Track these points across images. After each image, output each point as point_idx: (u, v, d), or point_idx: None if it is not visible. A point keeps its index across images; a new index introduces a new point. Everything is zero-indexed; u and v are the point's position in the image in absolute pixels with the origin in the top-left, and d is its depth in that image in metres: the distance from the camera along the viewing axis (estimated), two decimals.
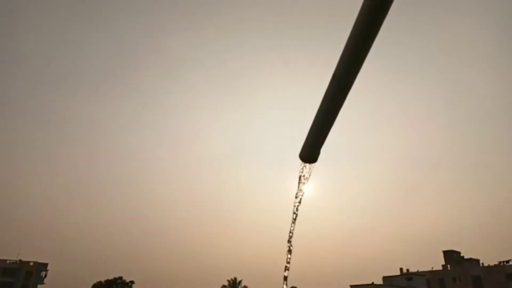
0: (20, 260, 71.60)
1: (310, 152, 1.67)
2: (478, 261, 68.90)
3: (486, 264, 66.75)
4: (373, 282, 56.15)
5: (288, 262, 1.89)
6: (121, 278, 70.13)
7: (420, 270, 68.08)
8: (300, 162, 1.71)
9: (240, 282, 68.50)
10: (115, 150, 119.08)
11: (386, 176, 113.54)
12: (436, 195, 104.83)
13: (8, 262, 70.44)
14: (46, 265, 73.63)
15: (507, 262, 63.96)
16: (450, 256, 70.40)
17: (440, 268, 69.11)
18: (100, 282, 69.05)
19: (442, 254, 71.35)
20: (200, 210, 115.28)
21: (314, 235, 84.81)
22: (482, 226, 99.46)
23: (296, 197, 1.83)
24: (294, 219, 1.87)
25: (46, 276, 73.52)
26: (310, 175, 1.75)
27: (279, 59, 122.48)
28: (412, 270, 67.77)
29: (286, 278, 1.90)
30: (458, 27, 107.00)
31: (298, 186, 1.80)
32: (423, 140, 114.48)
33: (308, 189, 1.81)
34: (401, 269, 68.10)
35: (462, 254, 71.06)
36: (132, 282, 70.78)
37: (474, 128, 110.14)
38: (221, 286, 68.23)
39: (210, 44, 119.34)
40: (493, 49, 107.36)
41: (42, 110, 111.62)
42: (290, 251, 1.88)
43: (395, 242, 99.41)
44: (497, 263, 64.58)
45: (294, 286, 73.38)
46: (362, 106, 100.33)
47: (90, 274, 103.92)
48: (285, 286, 1.91)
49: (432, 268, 69.10)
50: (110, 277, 69.77)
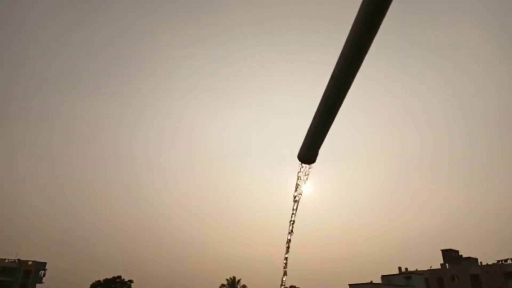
0: (18, 259, 71.48)
1: (308, 153, 1.68)
2: (476, 260, 69.04)
3: (484, 263, 66.94)
4: (371, 281, 56.22)
5: (286, 258, 1.91)
6: (120, 277, 70.10)
7: (418, 269, 68.21)
8: (298, 163, 1.73)
9: (239, 281, 68.53)
10: (115, 150, 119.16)
11: (385, 175, 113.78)
12: (434, 194, 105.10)
13: (6, 261, 70.32)
14: (44, 264, 73.50)
15: (505, 261, 64.11)
16: (449, 255, 70.52)
17: (438, 267, 69.23)
18: (99, 281, 69.00)
19: (440, 253, 71.54)
20: (199, 209, 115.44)
21: (313, 234, 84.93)
22: (480, 225, 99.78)
23: (294, 197, 1.85)
24: (293, 219, 1.88)
25: (44, 275, 73.46)
26: (308, 176, 1.76)
27: (280, 62, 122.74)
28: (410, 269, 67.86)
29: (284, 279, 1.92)
30: (455, 29, 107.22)
31: (297, 186, 1.82)
32: (421, 139, 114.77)
33: (306, 189, 1.82)
34: (399, 268, 68.19)
35: (460, 253, 71.19)
36: (131, 281, 70.74)
37: (471, 127, 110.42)
38: (220, 285, 68.27)
39: (213, 46, 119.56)
40: (489, 51, 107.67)
41: (43, 109, 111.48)
42: (288, 251, 1.90)
43: (394, 241, 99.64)
44: (495, 262, 64.73)
45: (293, 285, 73.50)
46: (360, 107, 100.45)
47: (89, 273, 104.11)
48: (284, 285, 1.93)
49: (430, 267, 69.26)
50: (109, 276, 69.78)
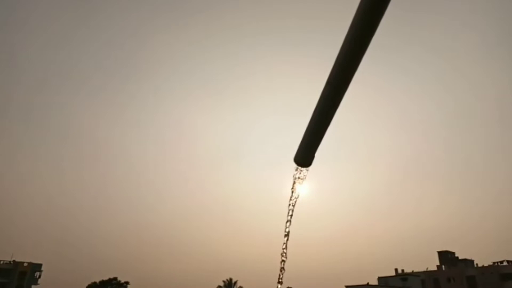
0: (14, 260, 71.12)
1: (304, 156, 1.69)
2: (472, 261, 69.31)
3: (480, 264, 67.18)
4: (368, 283, 56.37)
5: (283, 257, 1.93)
6: (116, 278, 69.85)
7: (415, 270, 68.40)
8: (295, 166, 1.75)
9: (235, 282, 68.46)
10: (113, 150, 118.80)
11: (381, 177, 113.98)
12: (431, 196, 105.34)
13: (1, 262, 69.94)
14: (40, 265, 73.15)
15: (501, 262, 64.41)
16: (445, 256, 70.74)
17: (435, 268, 69.44)
18: (94, 282, 68.73)
19: (437, 255, 71.76)
20: (196, 210, 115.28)
21: (309, 236, 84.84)
22: (476, 227, 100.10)
23: (290, 199, 1.87)
24: (289, 220, 1.90)
25: (40, 276, 73.08)
26: (304, 178, 1.78)
27: (278, 64, 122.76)
28: (407, 270, 68.08)
29: (281, 281, 1.93)
30: (453, 31, 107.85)
31: (293, 189, 1.84)
32: (418, 141, 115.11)
33: (303, 190, 1.84)
34: (396, 269, 68.41)
35: (456, 255, 71.44)
36: (127, 283, 70.51)
37: (468, 129, 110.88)
38: (216, 286, 68.18)
39: (211, 47, 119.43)
40: (486, 52, 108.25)
41: (41, 109, 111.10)
42: (285, 252, 1.91)
43: (390, 243, 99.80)
44: (491, 264, 65.01)
45: (290, 286, 73.50)
46: (357, 108, 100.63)
47: (84, 274, 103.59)
48: (279, 286, 1.94)
49: (427, 268, 69.45)
50: (105, 277, 69.51)
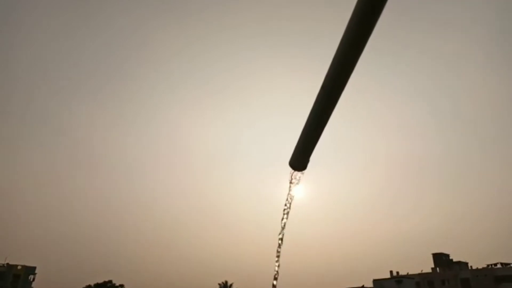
0: (7, 263, 70.46)
1: (299, 160, 1.71)
2: (467, 264, 69.57)
3: (474, 267, 67.45)
4: (363, 285, 56.44)
5: (277, 258, 1.94)
6: (111, 281, 69.48)
7: (410, 273, 68.61)
8: (290, 169, 1.77)
9: (231, 285, 68.30)
10: (107, 152, 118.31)
11: (376, 179, 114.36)
12: (425, 199, 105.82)
13: None
14: (34, 268, 72.53)
15: (495, 265, 64.74)
16: (440, 259, 70.98)
17: (429, 270, 69.67)
18: (89, 285, 68.35)
19: (431, 257, 71.97)
20: (191, 213, 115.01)
21: (304, 239, 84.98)
22: (471, 229, 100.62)
23: (286, 203, 1.88)
24: (284, 223, 1.92)
25: (34, 280, 72.43)
26: (299, 181, 1.80)
27: (275, 65, 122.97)
28: (402, 272, 68.23)
29: (275, 284, 1.95)
30: (449, 34, 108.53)
31: (288, 192, 1.86)
32: (413, 144, 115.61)
33: (298, 193, 1.86)
34: (391, 272, 68.53)
35: (451, 257, 71.69)
36: (122, 286, 70.18)
37: (462, 132, 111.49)
38: None
39: (208, 50, 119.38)
40: (481, 55, 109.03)
41: (37, 111, 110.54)
42: (278, 256, 1.93)
43: (385, 245, 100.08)
44: (485, 266, 65.32)
45: None
46: (353, 111, 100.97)
47: (79, 277, 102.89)
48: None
49: (421, 270, 69.68)
50: (100, 280, 69.12)
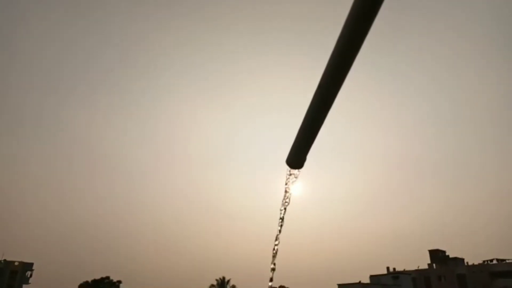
0: (4, 259, 70.38)
1: (296, 158, 1.72)
2: (463, 260, 69.97)
3: (470, 263, 67.91)
4: (360, 281, 56.66)
5: (274, 256, 1.97)
6: (108, 277, 69.59)
7: (406, 269, 68.96)
8: (287, 168, 1.79)
9: (228, 281, 68.45)
10: (104, 149, 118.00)
11: (373, 176, 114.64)
12: (422, 195, 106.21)
13: None
14: (31, 264, 72.54)
15: (491, 261, 65.18)
16: (436, 255, 71.36)
17: (426, 267, 70.07)
18: (87, 282, 68.41)
19: (428, 253, 72.37)
20: (188, 209, 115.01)
21: (301, 235, 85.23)
22: (467, 226, 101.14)
23: (283, 199, 1.91)
24: (282, 219, 1.95)
25: (31, 276, 72.44)
26: (296, 179, 1.83)
27: (272, 63, 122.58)
28: (398, 269, 68.56)
29: (272, 279, 1.98)
30: (446, 32, 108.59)
31: (285, 189, 1.88)
32: (410, 141, 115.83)
33: (295, 189, 1.87)
34: (387, 268, 68.89)
35: (447, 253, 72.08)
36: (119, 282, 70.29)
37: (459, 129, 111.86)
38: (209, 285, 68.15)
39: (203, 48, 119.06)
40: (479, 54, 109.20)
41: (33, 109, 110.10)
42: (276, 251, 1.96)
43: (382, 242, 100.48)
44: (481, 262, 65.75)
45: (282, 285, 73.68)
46: (350, 107, 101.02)
47: (76, 273, 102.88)
48: (271, 283, 1.99)
49: (418, 267, 70.09)
50: (97, 276, 69.22)
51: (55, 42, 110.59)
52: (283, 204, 1.91)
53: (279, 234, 1.96)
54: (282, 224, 1.95)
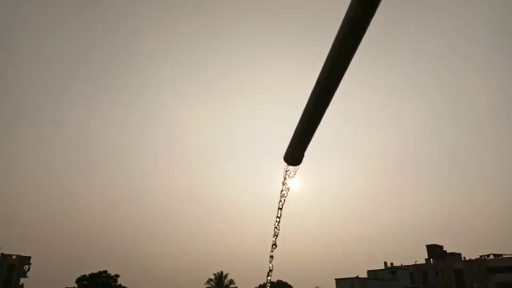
0: (2, 253, 70.39)
1: (294, 155, 1.71)
2: (460, 255, 70.34)
3: (467, 258, 68.27)
4: (357, 276, 56.87)
5: (272, 250, 1.96)
6: (106, 271, 69.74)
7: (404, 264, 69.34)
8: (284, 164, 1.77)
9: (226, 275, 68.80)
10: (102, 145, 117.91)
11: (371, 172, 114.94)
12: (419, 191, 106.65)
13: None
14: (29, 258, 72.55)
15: (488, 256, 65.54)
16: (433, 250, 71.70)
17: (423, 262, 70.42)
18: (84, 275, 68.55)
19: (425, 248, 72.72)
20: (186, 204, 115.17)
21: (299, 230, 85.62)
22: (464, 221, 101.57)
23: (281, 194, 1.90)
24: (279, 215, 1.94)
25: (29, 269, 72.50)
26: (294, 175, 1.81)
27: (271, 60, 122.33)
28: (396, 264, 68.93)
29: (270, 273, 1.98)
30: (445, 30, 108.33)
31: (283, 185, 1.87)
32: (408, 137, 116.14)
33: (293, 184, 1.86)
34: (385, 262, 69.23)
35: (444, 249, 72.44)
36: (117, 276, 70.46)
37: (457, 126, 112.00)
38: (207, 279, 68.42)
39: (202, 44, 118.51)
40: (478, 52, 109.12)
41: (31, 105, 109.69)
42: (274, 246, 1.95)
43: (380, 237, 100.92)
44: (478, 257, 66.11)
45: (280, 279, 74.03)
46: (349, 104, 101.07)
47: (74, 267, 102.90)
48: (271, 271, 1.98)
49: (415, 262, 70.43)
50: (95, 270, 69.36)
51: (53, 38, 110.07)
52: (282, 197, 1.89)
53: (280, 213, 1.94)
54: (279, 216, 1.93)
